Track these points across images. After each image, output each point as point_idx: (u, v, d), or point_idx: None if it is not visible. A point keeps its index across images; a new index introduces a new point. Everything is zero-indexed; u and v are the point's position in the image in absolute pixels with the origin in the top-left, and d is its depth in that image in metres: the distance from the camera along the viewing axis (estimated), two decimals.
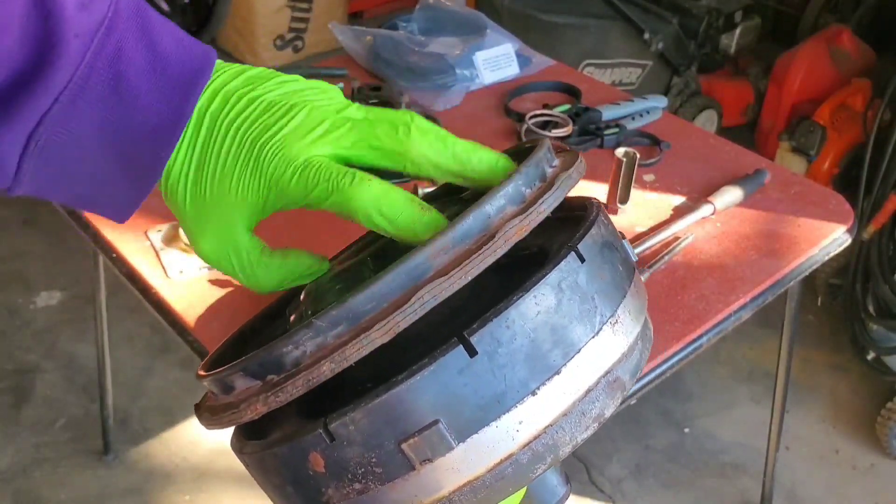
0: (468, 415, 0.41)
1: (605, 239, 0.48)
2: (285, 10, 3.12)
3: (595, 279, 0.45)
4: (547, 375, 0.42)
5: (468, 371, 0.41)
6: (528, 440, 0.42)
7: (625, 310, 0.46)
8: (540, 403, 0.42)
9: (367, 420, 0.41)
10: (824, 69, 2.36)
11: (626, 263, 0.49)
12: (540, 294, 0.43)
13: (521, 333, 0.42)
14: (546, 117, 1.36)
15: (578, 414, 0.43)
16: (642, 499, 1.75)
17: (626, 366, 0.46)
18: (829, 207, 1.22)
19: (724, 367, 2.04)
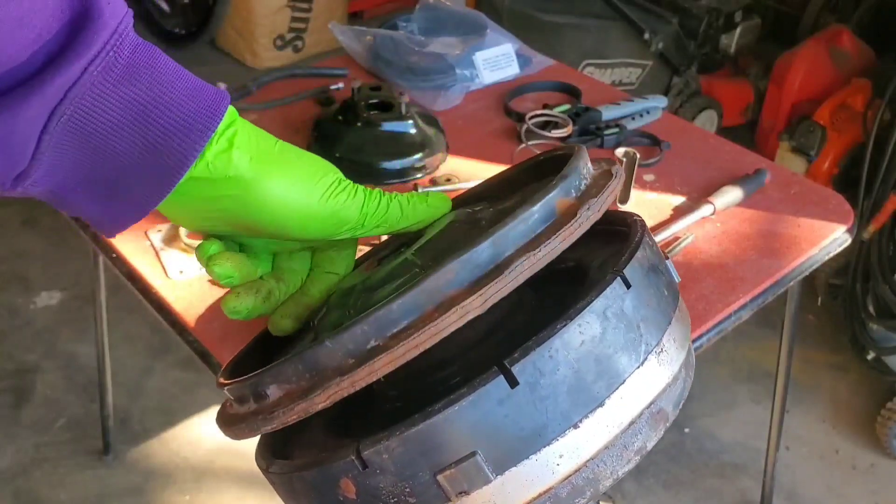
0: (507, 447, 0.40)
1: (651, 262, 0.46)
2: (285, 10, 3.12)
3: (641, 306, 0.43)
4: (590, 408, 0.41)
5: (508, 402, 0.39)
6: (569, 474, 0.41)
7: (670, 338, 0.45)
8: (582, 437, 0.41)
9: (403, 449, 0.39)
10: (824, 69, 2.36)
11: (671, 287, 0.47)
12: (585, 322, 0.41)
13: (565, 363, 0.40)
14: (546, 117, 1.36)
15: (620, 447, 0.42)
16: (642, 499, 1.75)
17: (670, 396, 0.44)
18: (829, 207, 1.22)
19: (725, 367, 2.04)
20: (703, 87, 2.58)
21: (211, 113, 0.47)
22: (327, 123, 1.29)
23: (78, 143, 0.43)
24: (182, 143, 0.46)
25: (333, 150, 1.25)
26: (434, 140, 1.28)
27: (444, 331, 0.40)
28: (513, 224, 0.42)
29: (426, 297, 0.41)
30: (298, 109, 1.39)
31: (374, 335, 0.41)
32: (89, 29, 0.41)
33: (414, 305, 0.41)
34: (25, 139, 0.42)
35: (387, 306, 0.41)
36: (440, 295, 0.41)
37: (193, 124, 0.46)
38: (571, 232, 0.43)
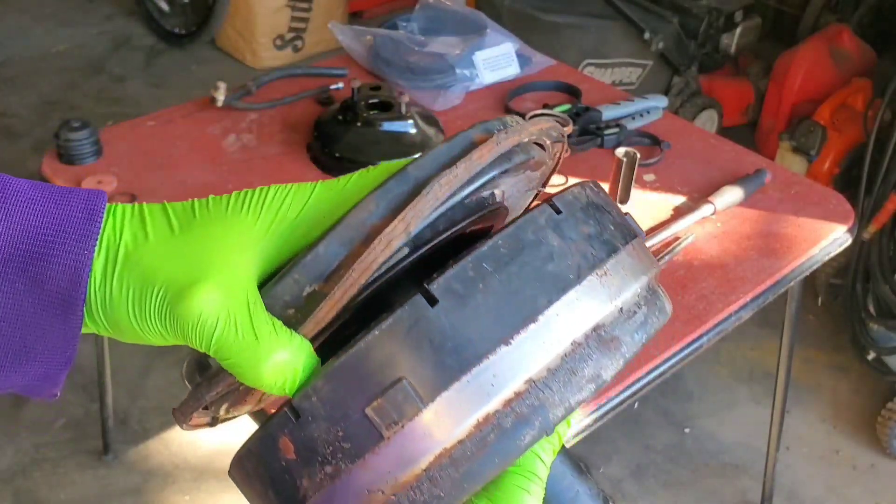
0: (435, 370, 0.37)
1: (593, 201, 0.44)
2: (285, 9, 3.12)
3: (576, 231, 0.41)
4: (520, 323, 0.38)
5: (430, 322, 0.37)
6: (508, 398, 0.38)
7: (617, 265, 0.42)
8: (515, 354, 0.38)
9: (329, 387, 0.38)
10: (825, 69, 2.36)
11: (621, 227, 0.45)
12: (508, 237, 0.39)
13: (487, 278, 0.38)
14: (546, 117, 1.35)
15: (567, 371, 0.39)
16: (643, 499, 1.75)
17: (627, 326, 0.42)
18: (829, 207, 1.22)
19: (725, 367, 2.04)
20: (703, 86, 2.58)
21: (89, 216, 0.39)
22: (327, 123, 1.29)
23: None
24: (61, 269, 0.38)
25: (333, 149, 1.25)
26: (434, 140, 1.28)
27: (375, 262, 0.39)
28: (430, 153, 0.41)
29: (351, 232, 0.40)
30: (298, 109, 1.39)
31: (309, 281, 0.40)
32: None
33: (340, 244, 0.40)
34: None
35: (313, 250, 0.40)
36: (364, 228, 0.40)
37: (69, 239, 0.39)
38: (490, 149, 0.41)
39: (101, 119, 2.62)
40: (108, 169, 1.22)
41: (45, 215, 0.39)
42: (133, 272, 0.39)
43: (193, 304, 0.38)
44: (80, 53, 3.27)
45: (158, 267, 0.39)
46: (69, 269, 0.38)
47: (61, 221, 0.39)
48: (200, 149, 1.29)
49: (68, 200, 0.39)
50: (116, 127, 1.34)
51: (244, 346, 0.39)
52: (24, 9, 3.53)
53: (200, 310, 0.38)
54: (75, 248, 0.38)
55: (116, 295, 0.39)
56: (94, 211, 0.39)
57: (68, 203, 0.39)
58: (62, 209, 0.39)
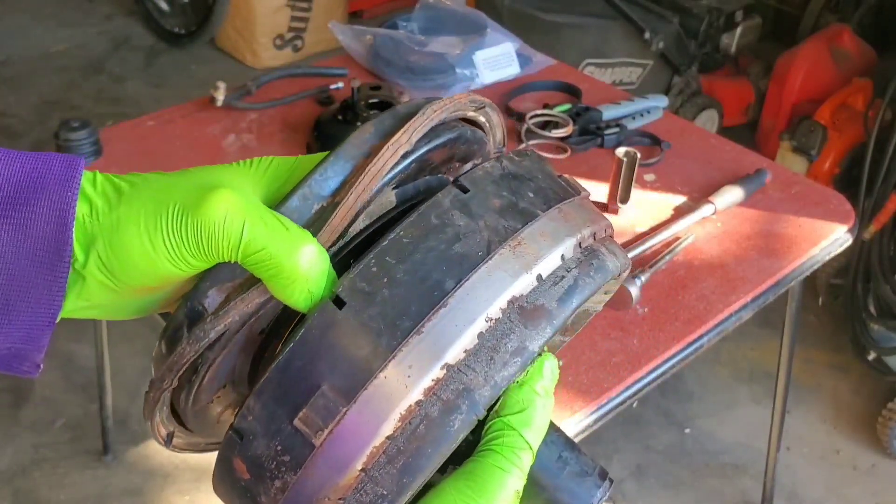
0: (351, 372, 0.38)
1: (509, 171, 0.43)
2: (285, 9, 3.12)
3: (483, 207, 0.41)
4: (429, 309, 0.38)
5: (341, 324, 0.38)
6: (429, 386, 0.38)
7: (534, 233, 0.41)
8: (428, 341, 0.38)
9: (260, 404, 0.39)
10: (825, 69, 2.36)
11: (545, 191, 0.44)
12: (408, 229, 0.39)
13: (390, 272, 0.38)
14: (546, 117, 1.35)
15: (488, 350, 0.39)
16: (643, 499, 1.75)
17: (552, 293, 0.41)
18: (829, 207, 1.22)
19: (725, 367, 2.04)
20: (703, 86, 2.58)
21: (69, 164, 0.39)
22: (327, 123, 1.29)
23: None
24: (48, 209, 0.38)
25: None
26: None
27: (383, 169, 0.40)
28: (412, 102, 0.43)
29: (354, 149, 0.41)
30: (298, 109, 1.39)
31: (317, 198, 0.41)
32: None
33: (345, 160, 0.41)
34: None
35: (319, 167, 0.41)
36: (365, 146, 0.41)
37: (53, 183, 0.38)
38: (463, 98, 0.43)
39: (101, 119, 2.62)
40: (108, 169, 1.21)
41: (26, 166, 0.38)
42: (142, 196, 0.39)
43: (215, 206, 0.38)
44: (80, 53, 3.27)
45: (170, 187, 0.40)
46: (55, 211, 0.38)
47: (42, 171, 0.38)
48: (200, 149, 1.29)
49: (48, 156, 0.39)
50: (116, 127, 1.34)
51: (276, 236, 0.38)
52: (24, 8, 3.53)
53: (225, 209, 0.38)
54: (59, 190, 0.38)
55: (125, 218, 0.39)
56: (74, 161, 0.39)
57: (48, 157, 0.39)
58: (42, 161, 0.39)
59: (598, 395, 0.93)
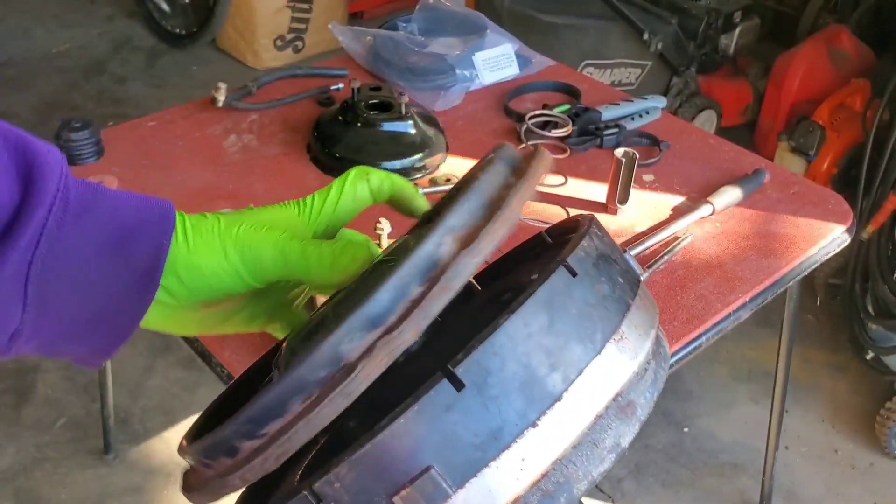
0: (463, 456, 0.37)
1: (601, 252, 0.43)
2: (285, 10, 3.12)
3: (591, 294, 0.41)
4: (547, 403, 0.38)
5: (457, 407, 0.37)
6: (536, 479, 0.38)
7: (630, 325, 0.42)
8: (543, 436, 0.38)
9: (353, 474, 0.37)
10: (823, 69, 2.37)
11: (627, 275, 0.45)
12: (528, 313, 0.38)
13: (512, 359, 0.38)
14: (546, 117, 1.36)
15: (590, 445, 0.39)
16: (642, 498, 1.75)
17: (640, 387, 0.41)
18: (828, 207, 1.23)
19: (724, 366, 2.05)
20: (702, 87, 2.59)
21: (164, 214, 0.49)
22: (327, 123, 1.29)
23: (59, 285, 0.45)
24: (148, 247, 0.48)
25: (334, 150, 1.25)
26: (434, 140, 1.28)
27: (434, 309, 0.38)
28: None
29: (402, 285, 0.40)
30: (299, 110, 1.39)
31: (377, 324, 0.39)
32: (40, 179, 0.44)
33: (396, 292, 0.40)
34: (12, 297, 0.44)
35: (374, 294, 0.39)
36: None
37: (151, 228, 0.48)
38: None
39: (102, 119, 2.63)
40: (110, 169, 1.22)
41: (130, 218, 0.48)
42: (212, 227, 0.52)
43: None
44: (81, 54, 3.27)
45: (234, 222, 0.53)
46: (151, 253, 0.47)
47: (143, 217, 0.48)
48: (201, 149, 1.29)
49: (147, 202, 0.49)
50: (117, 127, 1.35)
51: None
52: (26, 9, 3.53)
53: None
54: (156, 235, 0.48)
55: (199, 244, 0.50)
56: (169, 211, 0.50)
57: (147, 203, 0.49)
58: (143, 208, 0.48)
59: None
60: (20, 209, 0.43)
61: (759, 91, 2.60)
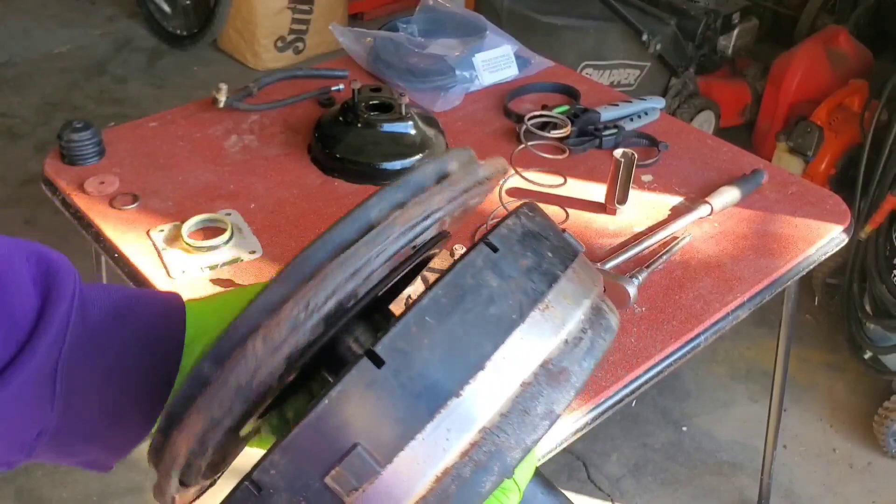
0: (388, 432, 0.37)
1: (529, 229, 0.44)
2: (286, 11, 3.13)
3: (514, 267, 0.41)
4: (469, 373, 0.38)
5: (378, 384, 0.37)
6: (465, 449, 0.38)
7: (558, 294, 0.42)
8: (466, 405, 0.38)
9: (287, 460, 0.37)
10: (822, 70, 2.37)
11: (560, 251, 0.45)
12: (447, 287, 0.39)
13: (431, 332, 0.38)
14: (545, 118, 1.37)
15: (520, 412, 0.39)
16: (640, 497, 1.76)
17: (573, 355, 0.41)
18: (826, 207, 1.23)
19: (722, 366, 2.05)
20: (700, 88, 2.59)
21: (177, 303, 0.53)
22: (328, 124, 1.30)
23: (84, 381, 0.48)
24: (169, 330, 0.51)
25: (334, 150, 1.26)
26: (434, 141, 1.29)
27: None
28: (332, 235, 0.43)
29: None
30: (299, 110, 1.40)
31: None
32: (58, 282, 0.47)
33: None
34: (41, 393, 0.46)
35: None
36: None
37: (171, 312, 0.51)
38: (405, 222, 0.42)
39: (103, 120, 2.63)
40: (111, 170, 1.23)
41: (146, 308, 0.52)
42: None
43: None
44: (82, 55, 3.28)
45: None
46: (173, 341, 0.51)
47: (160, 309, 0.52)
48: (202, 150, 1.30)
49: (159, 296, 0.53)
50: (118, 128, 1.35)
51: None
52: (26, 10, 3.54)
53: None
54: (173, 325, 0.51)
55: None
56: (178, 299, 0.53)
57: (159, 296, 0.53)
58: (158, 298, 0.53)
59: (596, 394, 0.94)
60: (43, 310, 0.46)
61: (758, 92, 2.61)
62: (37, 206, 2.44)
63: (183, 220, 1.11)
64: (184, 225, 1.10)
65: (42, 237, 2.36)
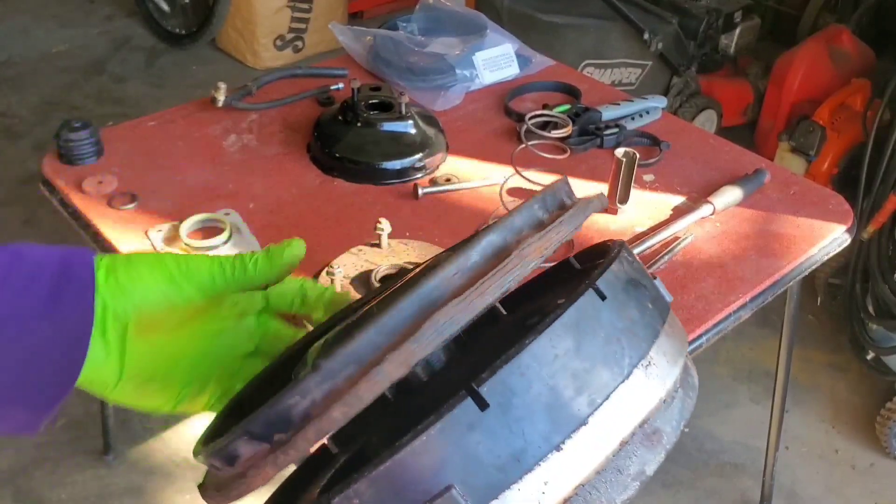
0: (485, 477, 0.36)
1: (630, 276, 0.43)
2: (285, 10, 3.12)
3: (620, 318, 0.40)
4: (572, 427, 0.37)
5: (480, 426, 0.36)
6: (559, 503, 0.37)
7: (659, 351, 0.41)
8: (566, 460, 0.37)
9: (373, 491, 0.36)
10: (824, 69, 2.36)
11: (657, 302, 0.44)
12: (556, 335, 0.38)
13: (538, 380, 0.37)
14: (546, 117, 1.36)
15: (614, 471, 0.39)
16: (642, 499, 1.75)
17: (667, 416, 0.41)
18: (828, 207, 1.22)
19: (724, 366, 2.04)
20: (702, 87, 2.59)
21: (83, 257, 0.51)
22: (327, 123, 1.29)
23: None
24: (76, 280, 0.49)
25: (333, 149, 1.25)
26: (434, 140, 1.28)
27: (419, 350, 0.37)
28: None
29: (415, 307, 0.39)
30: (299, 109, 1.39)
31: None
32: None
33: (391, 328, 0.38)
34: None
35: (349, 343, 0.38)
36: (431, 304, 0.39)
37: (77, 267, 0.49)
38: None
39: (102, 119, 2.63)
40: (109, 169, 1.22)
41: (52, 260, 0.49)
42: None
43: None
44: (81, 54, 3.27)
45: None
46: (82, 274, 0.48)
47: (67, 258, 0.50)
48: (201, 149, 1.29)
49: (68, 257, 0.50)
50: (117, 127, 1.35)
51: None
52: (25, 9, 3.53)
53: None
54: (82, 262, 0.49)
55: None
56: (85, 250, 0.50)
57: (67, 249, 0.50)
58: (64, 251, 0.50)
59: None
60: None
61: (760, 91, 2.60)
62: (36, 206, 2.43)
63: (181, 220, 1.10)
64: (182, 224, 1.09)
65: (41, 237, 2.36)
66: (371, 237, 1.06)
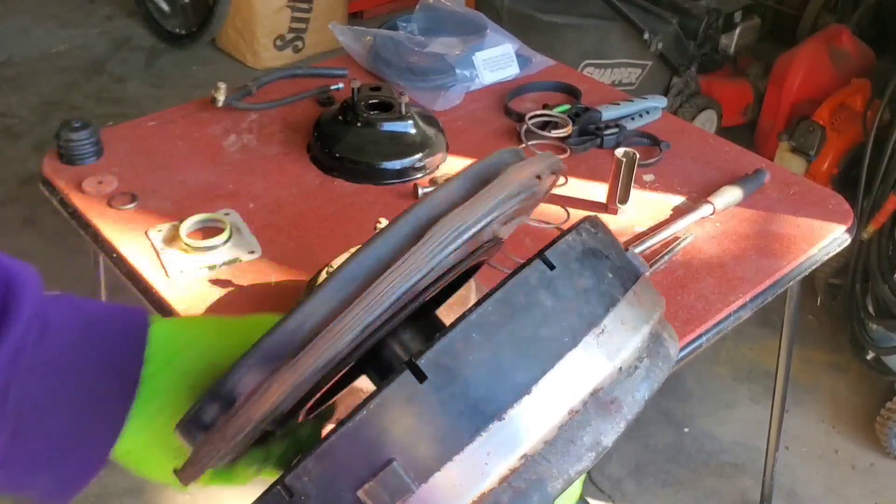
0: (426, 450, 0.36)
1: (589, 247, 0.41)
2: (285, 10, 3.12)
3: (569, 287, 0.39)
4: (514, 396, 0.36)
5: (418, 399, 0.35)
6: (504, 475, 0.36)
7: (616, 319, 0.40)
8: (509, 430, 0.36)
9: (320, 468, 0.36)
10: (824, 69, 2.36)
11: (621, 271, 0.42)
12: (496, 305, 0.37)
13: (478, 350, 0.36)
14: (546, 117, 1.36)
15: (565, 441, 0.37)
16: (642, 498, 1.75)
17: (627, 385, 0.39)
18: (828, 207, 1.22)
19: (724, 366, 2.04)
20: (702, 87, 2.59)
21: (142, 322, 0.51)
22: (327, 123, 1.29)
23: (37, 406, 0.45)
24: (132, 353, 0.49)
25: (333, 149, 1.25)
26: (434, 140, 1.28)
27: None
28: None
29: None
30: (299, 109, 1.39)
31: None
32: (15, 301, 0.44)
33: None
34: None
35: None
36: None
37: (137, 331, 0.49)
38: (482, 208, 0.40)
39: (102, 119, 2.62)
40: (109, 169, 1.22)
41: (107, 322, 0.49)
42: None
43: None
44: (81, 54, 3.27)
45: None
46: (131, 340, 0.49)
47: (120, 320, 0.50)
48: (201, 149, 1.29)
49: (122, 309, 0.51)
50: (117, 127, 1.35)
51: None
52: (25, 9, 3.53)
53: None
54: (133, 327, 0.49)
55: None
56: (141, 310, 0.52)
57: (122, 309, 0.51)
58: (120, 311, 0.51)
59: None
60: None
61: (760, 91, 2.60)
62: (36, 206, 2.43)
63: (181, 220, 1.10)
64: (182, 225, 1.09)
65: (41, 237, 2.36)
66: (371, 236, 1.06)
